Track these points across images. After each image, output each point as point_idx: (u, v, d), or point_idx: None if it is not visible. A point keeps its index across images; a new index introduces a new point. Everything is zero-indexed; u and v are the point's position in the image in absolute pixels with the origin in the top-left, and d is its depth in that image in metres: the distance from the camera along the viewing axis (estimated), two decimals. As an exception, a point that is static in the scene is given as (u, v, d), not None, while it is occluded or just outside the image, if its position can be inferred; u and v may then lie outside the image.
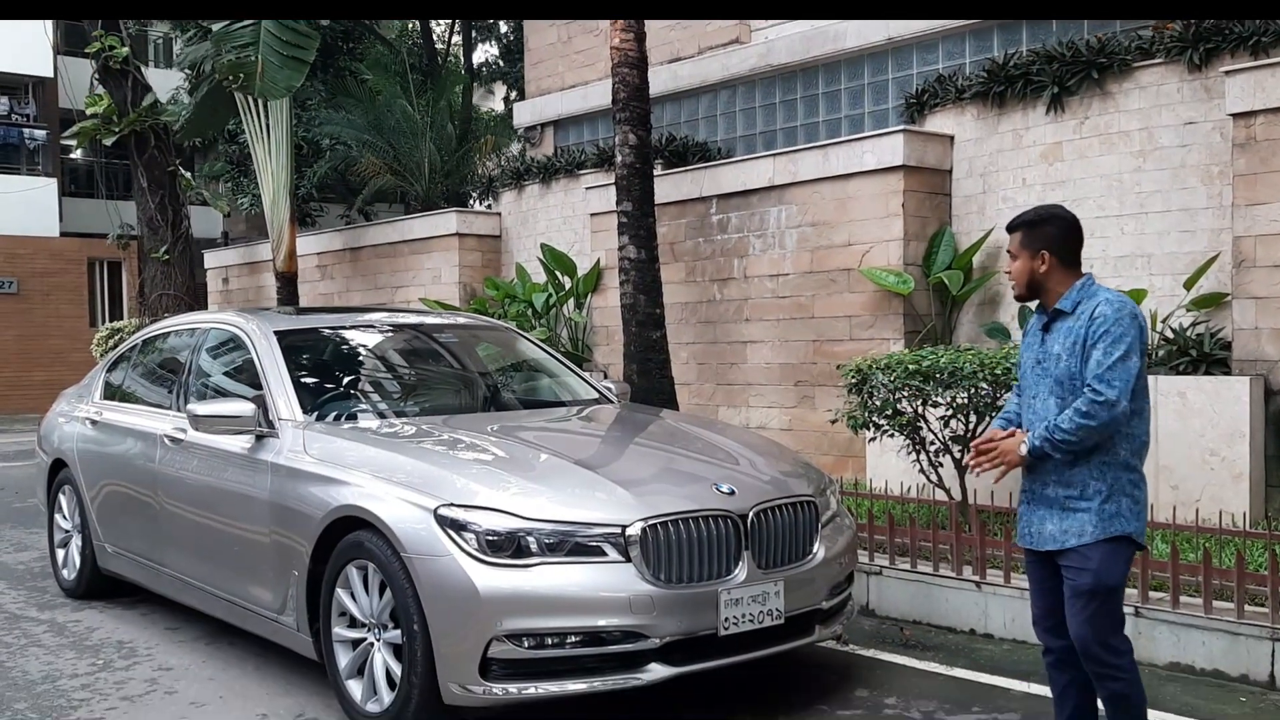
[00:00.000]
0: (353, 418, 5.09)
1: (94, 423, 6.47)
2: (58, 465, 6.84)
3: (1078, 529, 3.45)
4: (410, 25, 21.49)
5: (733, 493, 4.29)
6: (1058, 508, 3.50)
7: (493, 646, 3.91)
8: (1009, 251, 3.65)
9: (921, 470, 6.68)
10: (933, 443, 6.57)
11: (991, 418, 6.34)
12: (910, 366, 6.33)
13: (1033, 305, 3.72)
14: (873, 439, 6.88)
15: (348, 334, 6.02)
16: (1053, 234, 3.58)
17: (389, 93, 16.07)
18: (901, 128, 8.86)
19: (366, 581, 4.28)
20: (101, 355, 14.77)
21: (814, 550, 4.48)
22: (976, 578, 5.59)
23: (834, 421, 7.21)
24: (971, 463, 3.67)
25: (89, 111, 16.46)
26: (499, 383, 6.18)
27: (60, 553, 6.79)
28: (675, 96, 13.20)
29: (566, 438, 5.29)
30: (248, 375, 5.40)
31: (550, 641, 3.95)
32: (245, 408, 4.97)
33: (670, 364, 8.83)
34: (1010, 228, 3.66)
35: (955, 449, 6.49)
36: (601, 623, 3.95)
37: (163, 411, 5.89)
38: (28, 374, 21.83)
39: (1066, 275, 3.57)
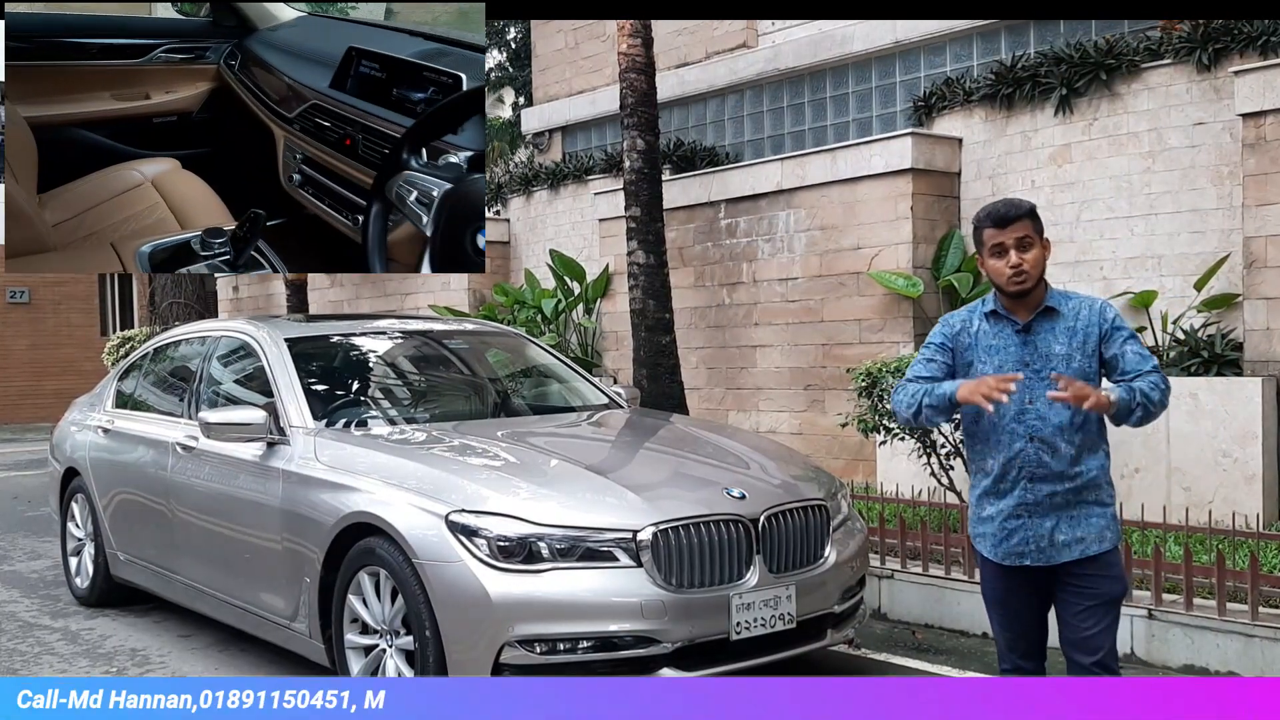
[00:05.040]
0: (363, 424, 5.10)
1: (106, 431, 6.49)
2: (70, 474, 6.85)
3: (1097, 534, 3.22)
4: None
5: (744, 497, 4.28)
6: (1069, 513, 3.23)
7: (505, 652, 3.91)
8: (1021, 239, 3.19)
9: (932, 473, 6.67)
10: (943, 446, 6.55)
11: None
12: (920, 369, 6.31)
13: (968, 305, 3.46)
14: (883, 442, 6.87)
15: (358, 341, 6.03)
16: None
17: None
18: (909, 131, 8.86)
19: (378, 588, 4.29)
20: (113, 364, 14.81)
21: (825, 554, 4.47)
22: (988, 581, 5.56)
23: (844, 425, 7.20)
24: (1055, 396, 3.08)
25: None
26: (509, 388, 6.18)
27: (73, 561, 6.81)
28: (683, 101, 13.21)
29: (577, 443, 5.28)
30: (258, 383, 5.41)
31: (562, 647, 3.95)
32: (256, 415, 4.97)
33: (680, 369, 8.83)
34: (1020, 214, 3.21)
35: (966, 452, 6.48)
36: (613, 628, 3.95)
37: (174, 420, 5.91)
38: (39, 383, 21.87)
39: None
